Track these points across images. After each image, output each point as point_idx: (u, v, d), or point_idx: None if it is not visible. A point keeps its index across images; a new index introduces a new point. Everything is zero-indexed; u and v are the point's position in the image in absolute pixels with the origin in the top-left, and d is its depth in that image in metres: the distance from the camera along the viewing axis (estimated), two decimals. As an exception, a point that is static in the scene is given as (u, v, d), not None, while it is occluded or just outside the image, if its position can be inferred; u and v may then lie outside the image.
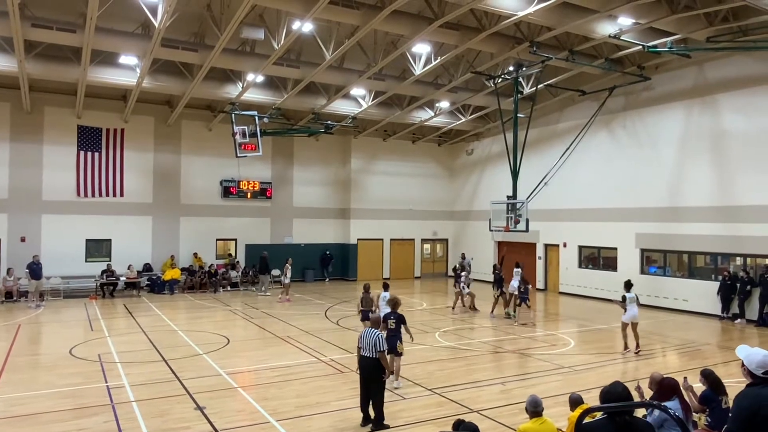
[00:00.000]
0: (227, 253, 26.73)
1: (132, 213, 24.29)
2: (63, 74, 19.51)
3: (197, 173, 25.85)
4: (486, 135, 29.92)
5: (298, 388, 10.16)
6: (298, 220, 28.59)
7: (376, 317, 9.17)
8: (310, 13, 14.94)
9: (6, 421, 8.36)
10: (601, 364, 12.44)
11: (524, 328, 16.49)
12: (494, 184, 27.92)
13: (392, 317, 10.42)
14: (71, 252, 22.97)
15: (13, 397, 9.48)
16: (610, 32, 17.20)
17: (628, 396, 4.12)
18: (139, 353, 12.86)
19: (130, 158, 24.20)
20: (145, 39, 17.43)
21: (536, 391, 9.21)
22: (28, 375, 11.03)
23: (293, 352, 13.16)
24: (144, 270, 24.11)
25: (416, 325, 16.78)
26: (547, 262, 26.00)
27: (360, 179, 29.72)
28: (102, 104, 23.37)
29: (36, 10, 16.38)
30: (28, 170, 22.45)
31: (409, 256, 31.02)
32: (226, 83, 21.88)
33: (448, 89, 22.82)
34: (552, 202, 24.65)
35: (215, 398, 9.49)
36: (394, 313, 10.53)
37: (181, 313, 19.01)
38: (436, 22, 16.17)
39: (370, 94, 23.78)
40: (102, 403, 9.17)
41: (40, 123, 22.74)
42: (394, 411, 8.96)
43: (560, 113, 25.56)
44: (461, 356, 12.99)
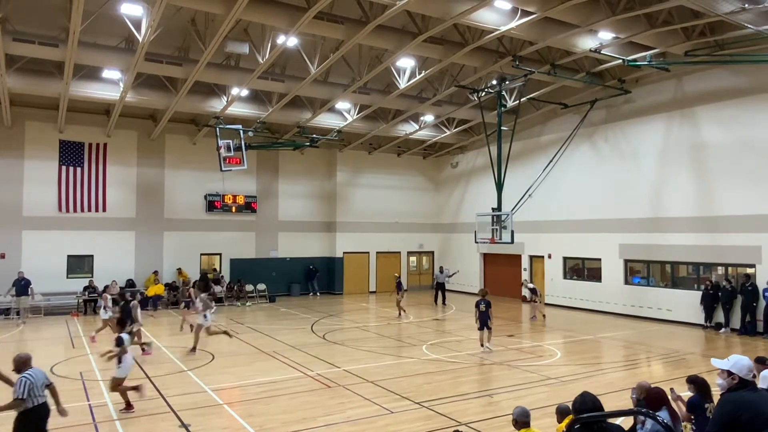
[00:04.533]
0: (212, 268, 26.48)
1: (115, 228, 23.98)
2: (45, 88, 19.31)
3: (181, 187, 25.65)
4: (470, 148, 30.14)
5: (284, 404, 10.04)
6: (284, 234, 28.45)
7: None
8: (295, 27, 15.01)
9: (-16, 443, 8.14)
10: (587, 374, 12.48)
11: (511, 340, 16.51)
12: (479, 196, 28.10)
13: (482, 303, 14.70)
14: (52, 268, 22.55)
15: (-9, 418, 9.24)
16: (591, 46, 17.51)
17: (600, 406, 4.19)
18: (121, 370, 12.62)
19: (113, 173, 23.95)
20: (129, 53, 17.35)
21: (524, 402, 9.20)
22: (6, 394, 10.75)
23: (279, 367, 13.03)
24: (127, 286, 23.76)
25: (403, 338, 16.75)
26: (533, 273, 26.12)
27: (346, 192, 29.71)
28: (84, 119, 23.15)
29: (18, 24, 16.23)
30: (8, 185, 22.09)
31: (395, 269, 30.92)
32: (211, 97, 21.82)
33: (433, 103, 23.01)
34: (536, 214, 24.84)
35: (200, 415, 9.35)
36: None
37: (165, 330, 18.74)
38: (420, 36, 16.33)
39: (356, 108, 23.88)
40: (84, 422, 8.99)
41: (21, 138, 22.44)
42: (382, 425, 8.90)
43: (543, 126, 25.86)
44: (448, 369, 12.95)
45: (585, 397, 4.19)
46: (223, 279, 26.07)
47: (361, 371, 12.42)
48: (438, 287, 24.81)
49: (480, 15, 15.12)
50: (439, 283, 24.76)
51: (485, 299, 15.03)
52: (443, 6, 14.72)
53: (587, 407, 4.06)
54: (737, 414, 3.99)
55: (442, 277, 24.85)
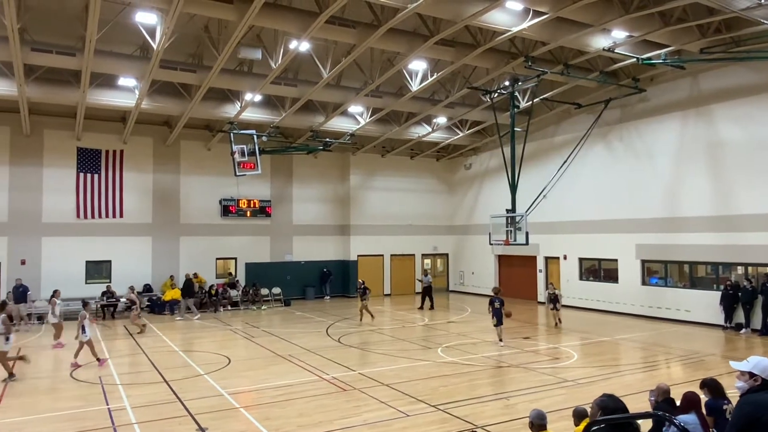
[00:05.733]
0: (227, 272, 26.68)
1: (132, 234, 24.29)
2: (62, 97, 19.64)
3: (196, 193, 25.90)
4: (484, 149, 30.05)
5: (300, 407, 10.08)
6: (298, 238, 28.58)
7: None
8: (307, 32, 15.10)
9: (6, 447, 8.29)
10: (605, 377, 12.37)
11: (527, 342, 16.41)
12: (493, 197, 27.99)
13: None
14: (71, 274, 22.87)
15: (13, 422, 9.40)
16: (604, 46, 17.38)
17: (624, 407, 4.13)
18: (140, 375, 12.80)
19: (130, 179, 24.26)
20: (144, 61, 17.58)
21: (540, 405, 9.13)
22: (28, 399, 10.95)
23: (295, 370, 13.08)
24: (144, 291, 24.03)
25: (418, 341, 16.72)
26: (548, 274, 25.95)
27: (359, 195, 29.77)
28: (101, 126, 23.49)
29: (36, 34, 16.54)
30: (27, 193, 22.49)
31: (409, 272, 30.94)
32: (225, 103, 22.03)
33: (445, 105, 22.98)
34: (551, 215, 24.68)
35: (217, 419, 9.41)
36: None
37: (182, 334, 18.92)
38: (432, 39, 16.33)
39: (368, 111, 23.93)
40: (103, 426, 9.09)
41: (39, 146, 22.83)
42: (398, 428, 8.89)
43: (557, 126, 25.71)
44: (464, 371, 12.91)
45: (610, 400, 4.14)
46: (238, 283, 26.25)
47: (376, 374, 12.42)
48: (425, 291, 24.43)
49: (491, 16, 15.10)
50: (426, 287, 24.47)
51: (499, 297, 16.01)
52: (455, 8, 14.71)
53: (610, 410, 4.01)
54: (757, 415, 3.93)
55: (426, 280, 24.64)
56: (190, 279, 23.18)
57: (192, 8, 14.04)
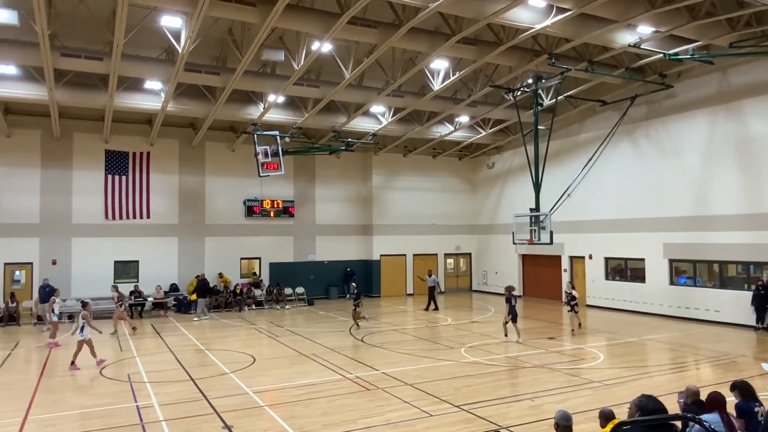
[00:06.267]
0: (251, 272, 26.96)
1: (158, 234, 24.72)
2: (91, 101, 20.07)
3: (221, 193, 26.24)
4: (507, 148, 29.82)
5: (324, 406, 10.14)
6: (321, 238, 28.73)
7: None
8: (329, 33, 15.17)
9: (39, 442, 8.51)
10: (632, 378, 12.17)
11: (552, 342, 16.23)
12: (516, 196, 27.76)
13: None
14: (100, 274, 23.38)
15: (45, 418, 9.64)
16: (629, 41, 17.10)
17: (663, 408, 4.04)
18: (167, 373, 13.01)
19: (156, 180, 24.69)
20: (169, 64, 17.86)
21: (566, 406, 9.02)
22: (59, 396, 11.22)
23: (319, 369, 13.16)
24: (171, 290, 24.43)
25: (441, 341, 16.68)
26: (573, 274, 25.62)
27: (381, 195, 29.81)
28: (128, 129, 23.95)
29: (65, 40, 16.94)
30: (58, 195, 23.06)
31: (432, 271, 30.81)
32: (248, 104, 22.26)
33: (468, 104, 22.86)
34: (576, 214, 24.38)
35: (242, 417, 9.53)
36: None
37: (208, 333, 19.18)
38: (454, 37, 16.27)
39: (390, 111, 23.95)
40: (132, 423, 9.27)
41: (69, 149, 23.39)
42: (422, 428, 8.88)
43: (581, 124, 25.38)
44: (488, 372, 12.83)
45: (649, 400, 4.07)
46: (262, 283, 26.52)
47: (399, 374, 12.43)
48: (429, 292, 24.15)
49: (514, 14, 14.97)
50: (431, 287, 24.22)
51: (513, 295, 16.93)
52: (476, 6, 14.63)
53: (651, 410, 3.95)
54: None
55: (431, 281, 24.42)
56: (203, 279, 23.40)
57: (216, 11, 14.22)
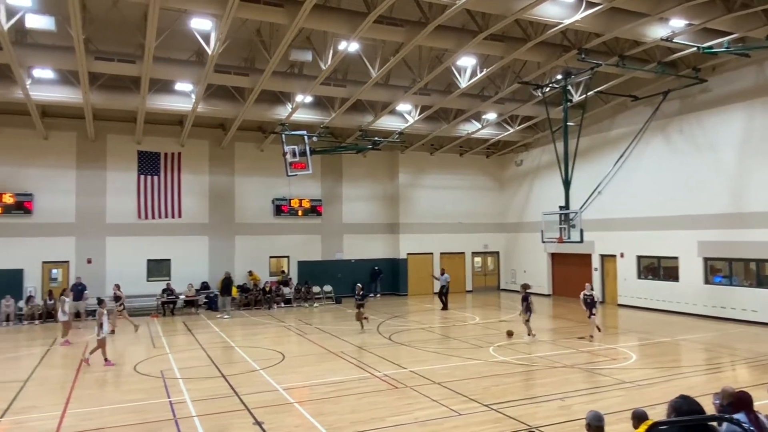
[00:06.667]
0: (280, 270, 27.25)
1: (189, 233, 25.18)
2: (124, 103, 20.55)
3: (250, 193, 26.59)
4: (535, 145, 29.49)
5: (353, 404, 10.20)
6: (348, 236, 28.86)
7: None
8: (356, 32, 15.22)
9: (78, 435, 8.76)
10: (666, 378, 11.93)
11: (582, 342, 16.01)
12: (545, 194, 27.43)
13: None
14: (134, 272, 23.96)
15: (83, 412, 9.93)
16: (661, 35, 16.72)
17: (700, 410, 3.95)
18: (199, 369, 13.25)
19: (187, 180, 25.15)
20: (199, 66, 18.17)
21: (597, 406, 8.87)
22: (96, 391, 11.54)
23: (347, 367, 13.23)
24: (202, 288, 24.86)
25: (469, 340, 16.60)
26: (604, 273, 25.20)
27: (408, 194, 29.79)
28: (160, 130, 24.44)
29: (98, 44, 17.36)
30: (93, 195, 23.69)
31: (459, 270, 30.72)
32: (276, 105, 22.49)
33: (495, 101, 22.67)
34: (607, 212, 23.97)
35: (273, 413, 9.65)
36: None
37: (238, 330, 19.46)
38: (481, 34, 16.15)
39: (416, 109, 23.91)
40: (165, 418, 9.47)
41: (103, 150, 23.99)
42: (450, 427, 8.87)
43: (612, 120, 24.93)
44: (517, 371, 12.73)
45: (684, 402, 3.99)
46: (291, 281, 26.77)
47: (427, 372, 12.41)
48: (441, 291, 23.90)
49: (543, 9, 14.78)
50: (443, 286, 23.94)
51: (529, 293, 17.01)
52: (504, 2, 14.48)
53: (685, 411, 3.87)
54: None
55: (443, 279, 24.12)
56: (228, 278, 23.69)
57: (244, 13, 14.40)
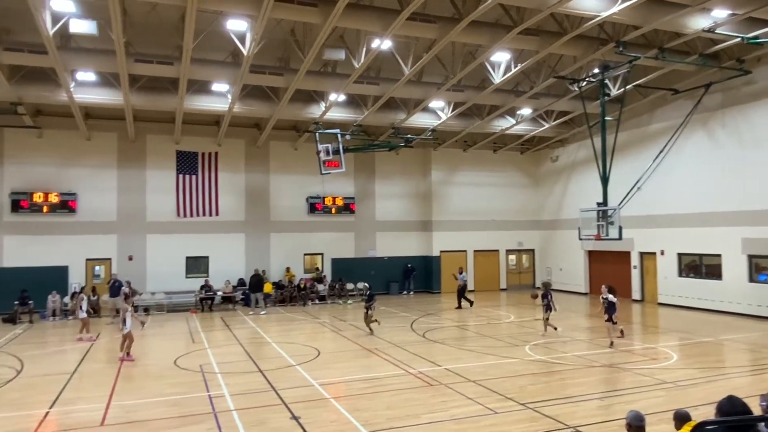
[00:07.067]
0: (314, 267, 27.53)
1: (226, 231, 25.69)
2: (163, 104, 21.07)
3: (285, 191, 26.94)
4: (571, 141, 28.98)
5: (388, 400, 10.24)
6: (381, 234, 28.94)
7: None
8: (389, 30, 15.24)
9: (122, 427, 9.04)
10: (708, 379, 11.59)
11: (621, 341, 15.68)
12: (582, 191, 26.95)
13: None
14: (173, 269, 24.62)
15: (127, 405, 10.23)
16: (703, 26, 16.20)
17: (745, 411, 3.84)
18: (236, 364, 13.50)
19: (224, 179, 25.64)
20: (235, 66, 18.47)
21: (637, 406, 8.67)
22: (138, 384, 11.88)
23: (381, 364, 13.29)
24: (238, 285, 25.31)
25: (504, 338, 16.46)
26: (643, 271, 24.62)
27: (441, 191, 29.67)
28: (197, 130, 24.96)
29: (138, 46, 17.84)
30: (134, 194, 24.39)
31: (494, 268, 30.48)
32: (310, 104, 22.71)
33: (530, 96, 22.37)
34: (646, 208, 23.41)
35: (309, 408, 9.77)
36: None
37: (274, 326, 19.75)
38: (515, 29, 15.95)
39: (449, 106, 23.79)
40: (205, 412, 9.69)
41: (143, 150, 24.66)
42: (487, 425, 8.82)
43: (651, 114, 24.31)
44: (554, 370, 12.56)
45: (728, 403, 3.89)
46: (325, 278, 27.02)
47: (462, 370, 12.37)
48: (459, 290, 23.51)
49: (579, 2, 14.52)
50: (461, 286, 23.57)
51: (550, 290, 17.26)
52: (539, -4, 14.29)
53: (731, 412, 3.77)
54: None
55: (462, 278, 23.76)
56: (258, 274, 24.02)
57: (279, 13, 14.58)
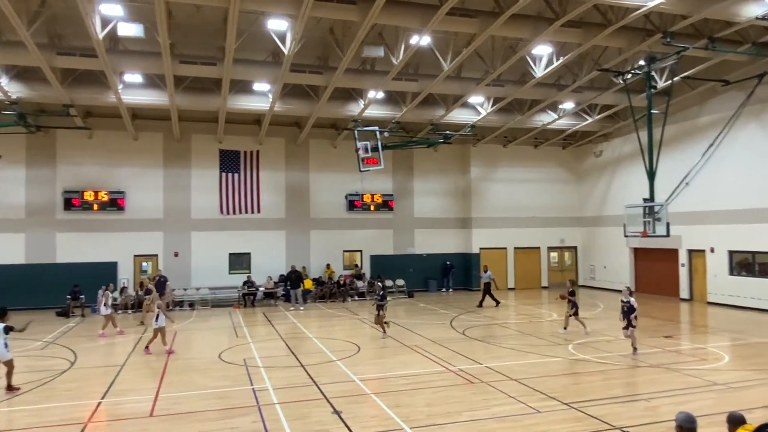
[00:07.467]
0: (353, 264, 27.71)
1: (268, 228, 26.15)
2: (206, 104, 21.57)
3: (324, 188, 27.20)
4: (616, 135, 28.24)
5: (428, 397, 10.22)
6: (420, 231, 28.89)
7: None
8: (428, 26, 15.17)
9: (170, 418, 9.33)
10: (763, 381, 11.12)
11: (668, 341, 15.22)
12: (627, 186, 26.25)
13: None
14: (217, 265, 25.22)
15: (174, 397, 10.55)
16: (756, 14, 15.52)
17: None
18: (279, 358, 13.74)
19: (265, 177, 26.08)
20: (276, 66, 18.74)
21: (687, 408, 8.39)
22: (185, 377, 12.21)
23: (421, 361, 13.27)
24: (280, 281, 25.70)
25: (547, 337, 16.20)
26: (692, 269, 23.80)
27: (480, 187, 29.39)
28: (239, 129, 25.46)
29: (182, 48, 18.29)
30: (179, 192, 25.08)
31: (535, 266, 30.01)
32: (349, 102, 22.84)
33: (573, 89, 21.90)
34: (695, 204, 22.61)
35: (350, 403, 9.85)
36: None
37: (314, 322, 19.98)
38: (557, 21, 15.64)
39: (489, 101, 23.52)
40: (249, 405, 9.90)
41: (187, 149, 25.32)
42: (529, 424, 8.71)
43: (700, 107, 23.43)
44: (598, 370, 12.29)
45: None
46: (364, 275, 27.16)
47: (503, 368, 12.24)
48: (484, 288, 23.03)
49: (624, -8, 14.13)
50: (486, 283, 23.07)
51: (575, 288, 17.29)
52: (582, -13, 13.97)
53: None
54: None
55: (486, 277, 23.27)
56: (296, 271, 24.28)
57: (319, 12, 14.72)
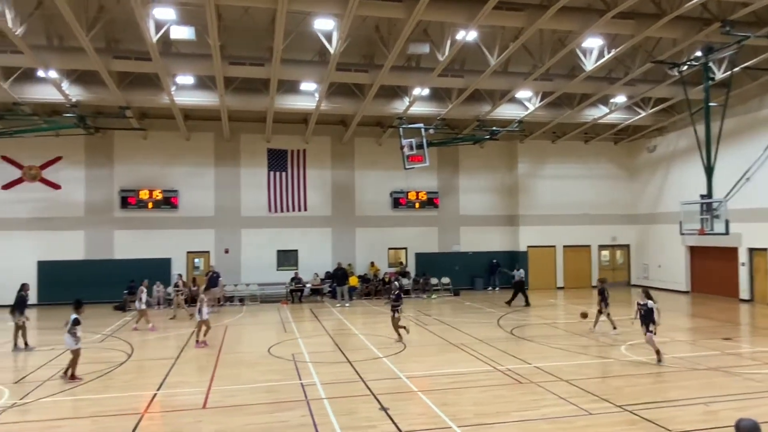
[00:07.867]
0: (398, 262, 27.74)
1: (314, 226, 26.52)
2: (255, 104, 22.01)
3: (369, 186, 27.34)
4: (670, 129, 27.21)
5: (475, 396, 10.13)
6: (465, 228, 28.64)
7: None
8: (475, 20, 14.99)
9: (222, 410, 9.58)
10: (834, 388, 10.49)
11: (727, 344, 14.56)
12: (683, 182, 25.26)
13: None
14: (265, 262, 25.79)
15: (225, 390, 10.83)
16: (827, -3, 14.64)
17: None
18: (326, 354, 13.90)
19: (312, 176, 26.45)
20: (322, 65, 18.92)
21: (749, 414, 7.99)
22: (235, 371, 12.52)
23: (468, 359, 13.16)
24: (326, 278, 26.00)
25: (599, 337, 15.79)
26: (753, 269, 22.68)
27: (528, 184, 28.88)
28: (286, 128, 25.88)
29: (231, 49, 18.71)
30: (229, 191, 25.75)
31: (585, 264, 29.28)
32: (394, 99, 22.85)
33: (625, 83, 21.18)
34: (756, 200, 21.53)
35: (397, 400, 9.86)
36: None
37: (360, 318, 20.11)
38: (609, 13, 15.18)
39: (537, 96, 23.06)
40: (298, 399, 10.05)
41: (237, 149, 25.94)
42: (581, 426, 8.51)
43: (762, 99, 22.29)
44: (652, 372, 11.88)
45: None
46: (409, 273, 27.15)
47: (553, 369, 11.99)
48: (516, 287, 22.43)
49: (680, -20, 13.57)
50: (517, 282, 22.47)
51: (605, 286, 16.88)
52: (635, -24, 13.49)
53: None
54: None
55: (518, 275, 22.58)
56: (342, 268, 24.46)
57: (364, 10, 14.76)
